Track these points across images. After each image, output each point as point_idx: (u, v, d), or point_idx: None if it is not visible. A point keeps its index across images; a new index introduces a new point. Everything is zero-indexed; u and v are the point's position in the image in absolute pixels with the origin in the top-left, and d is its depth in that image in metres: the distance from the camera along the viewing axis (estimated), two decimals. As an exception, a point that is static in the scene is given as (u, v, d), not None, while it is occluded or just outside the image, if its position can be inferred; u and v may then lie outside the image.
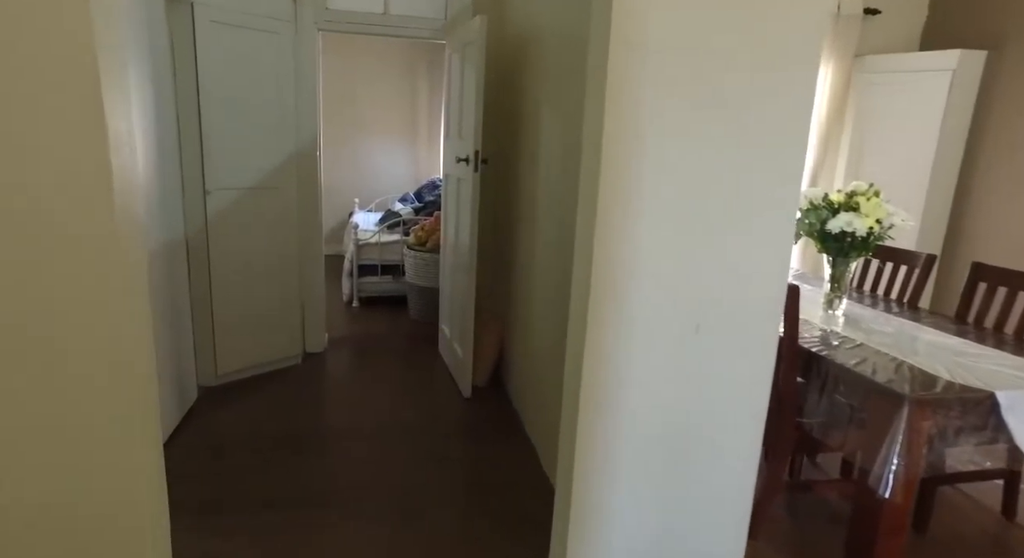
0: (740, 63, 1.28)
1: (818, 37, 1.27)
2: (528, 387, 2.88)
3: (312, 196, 3.52)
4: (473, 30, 2.93)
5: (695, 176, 1.30)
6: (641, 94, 1.22)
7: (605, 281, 1.26)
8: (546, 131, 2.61)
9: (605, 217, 1.24)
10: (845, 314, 2.32)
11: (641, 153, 1.24)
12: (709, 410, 1.45)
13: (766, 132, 1.32)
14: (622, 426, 1.39)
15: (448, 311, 3.62)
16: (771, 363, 1.44)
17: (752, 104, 1.30)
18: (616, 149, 1.22)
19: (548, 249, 2.55)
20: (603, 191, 1.22)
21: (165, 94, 2.63)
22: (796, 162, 1.35)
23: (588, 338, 1.28)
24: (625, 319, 1.30)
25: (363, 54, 6.49)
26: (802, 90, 1.32)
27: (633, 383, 1.36)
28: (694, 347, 1.37)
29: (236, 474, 2.40)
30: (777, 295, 1.40)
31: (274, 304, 3.37)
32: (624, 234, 1.26)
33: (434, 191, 5.77)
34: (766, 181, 1.34)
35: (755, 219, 1.36)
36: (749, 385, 1.44)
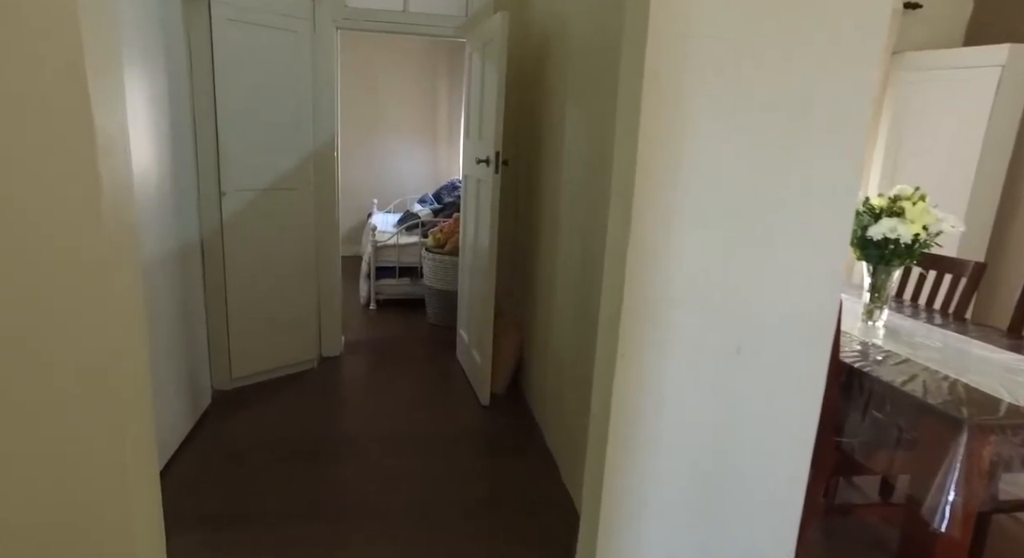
0: (795, 56, 1.16)
1: (882, 31, 1.14)
2: (548, 396, 2.78)
3: (329, 197, 3.46)
4: (494, 27, 2.84)
5: (741, 182, 1.19)
6: (682, 91, 1.11)
7: (638, 297, 1.15)
8: (570, 132, 2.51)
9: (640, 227, 1.13)
10: (886, 326, 2.18)
11: (681, 156, 1.13)
12: (751, 440, 1.33)
13: (823, 134, 1.21)
14: (655, 455, 1.28)
15: (466, 316, 3.54)
16: (820, 389, 1.31)
17: (808, 102, 1.18)
18: (653, 152, 1.11)
19: (570, 254, 2.45)
20: (638, 198, 1.11)
21: (180, 94, 2.58)
22: (853, 168, 1.23)
23: (619, 360, 1.17)
24: (660, 339, 1.19)
25: (383, 53, 6.45)
26: (862, 88, 1.19)
27: (668, 409, 1.25)
28: (735, 370, 1.25)
29: (247, 484, 2.34)
30: (829, 314, 1.27)
31: (290, 307, 3.32)
32: (660, 246, 1.15)
33: (454, 192, 5.70)
34: (821, 188, 1.22)
35: (807, 230, 1.23)
36: (795, 413, 1.31)
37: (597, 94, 2.15)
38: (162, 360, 2.44)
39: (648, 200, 1.13)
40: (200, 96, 2.82)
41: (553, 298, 2.71)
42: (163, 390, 2.44)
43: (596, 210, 2.08)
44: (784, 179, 1.21)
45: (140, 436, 1.06)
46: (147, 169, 2.27)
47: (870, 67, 1.17)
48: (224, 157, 2.91)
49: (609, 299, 1.23)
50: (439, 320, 4.40)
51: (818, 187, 1.23)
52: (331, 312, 3.62)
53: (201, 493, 2.27)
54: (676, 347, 1.21)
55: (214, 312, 3.05)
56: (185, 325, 2.67)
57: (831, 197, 1.22)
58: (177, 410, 2.57)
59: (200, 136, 2.86)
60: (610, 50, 2.00)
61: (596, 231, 2.11)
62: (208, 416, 2.86)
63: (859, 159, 1.23)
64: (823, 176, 1.22)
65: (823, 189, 1.23)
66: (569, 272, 2.47)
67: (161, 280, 2.42)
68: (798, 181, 1.22)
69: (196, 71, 2.80)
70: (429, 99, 6.73)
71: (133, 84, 2.16)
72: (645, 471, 1.28)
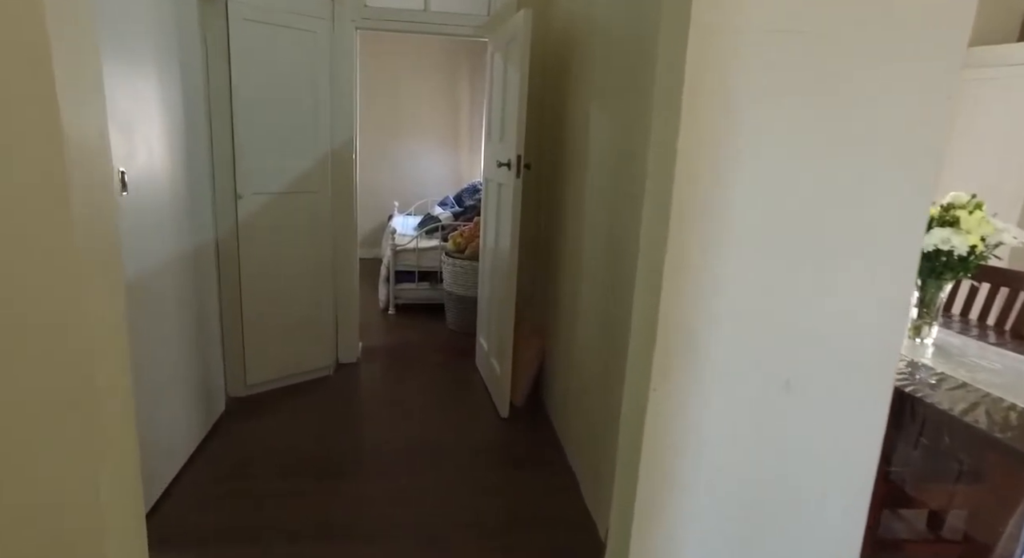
0: (862, 50, 1.01)
1: (967, 18, 0.98)
2: (570, 410, 2.67)
3: (347, 200, 3.39)
4: (517, 25, 2.74)
5: (797, 197, 1.04)
6: (731, 94, 0.97)
7: (675, 324, 1.02)
8: (596, 135, 2.39)
9: (678, 246, 0.99)
10: (935, 344, 2.02)
11: (727, 167, 0.99)
12: (801, 487, 1.17)
13: (893, 139, 1.05)
14: (693, 495, 1.14)
15: (486, 323, 3.44)
16: (881, 428, 1.16)
17: (876, 103, 1.03)
18: (694, 162, 0.97)
19: (596, 262, 2.33)
20: (676, 213, 0.97)
21: (196, 95, 2.53)
22: (927, 178, 1.07)
23: (652, 393, 1.03)
24: (698, 371, 1.05)
25: (404, 53, 6.38)
26: (940, 87, 1.03)
27: (707, 447, 1.11)
28: (783, 406, 1.10)
29: (256, 499, 2.26)
30: (892, 346, 1.12)
31: (306, 312, 3.25)
32: (701, 268, 1.01)
33: (475, 195, 5.61)
34: (890, 201, 1.06)
35: (871, 253, 1.08)
36: (852, 456, 1.15)
37: (625, 95, 2.03)
38: (175, 367, 2.38)
39: (688, 216, 0.99)
40: (216, 98, 2.77)
41: (577, 308, 2.59)
42: (175, 398, 2.38)
43: (623, 218, 1.96)
44: (847, 195, 1.06)
45: (120, 474, 0.97)
46: (160, 172, 2.21)
47: (950, 72, 1.02)
48: (240, 159, 2.85)
49: (641, 325, 1.09)
50: (458, 326, 4.31)
51: (886, 205, 1.07)
52: (348, 318, 3.55)
53: (209, 507, 2.20)
54: (717, 380, 1.07)
55: (229, 317, 2.99)
56: (199, 331, 2.61)
57: (900, 216, 1.07)
58: (189, 418, 2.51)
59: (216, 138, 2.80)
60: (641, 48, 1.88)
61: (623, 239, 1.98)
62: (221, 424, 2.80)
63: (932, 175, 1.07)
64: (892, 193, 1.07)
65: (891, 207, 1.07)
66: (594, 281, 2.35)
67: (174, 285, 2.36)
68: (863, 198, 1.06)
69: (212, 72, 2.74)
70: (451, 100, 6.65)
71: (146, 85, 2.10)
72: (681, 512, 1.15)
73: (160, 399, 2.25)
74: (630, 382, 1.13)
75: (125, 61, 1.96)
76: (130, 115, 1.99)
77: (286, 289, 3.14)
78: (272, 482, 2.36)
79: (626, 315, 1.91)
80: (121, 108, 1.93)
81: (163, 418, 2.27)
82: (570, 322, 2.71)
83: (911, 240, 1.08)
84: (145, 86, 2.10)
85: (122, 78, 1.94)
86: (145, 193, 2.09)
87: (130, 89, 1.99)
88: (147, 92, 2.11)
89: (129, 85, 1.98)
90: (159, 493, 2.22)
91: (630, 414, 1.11)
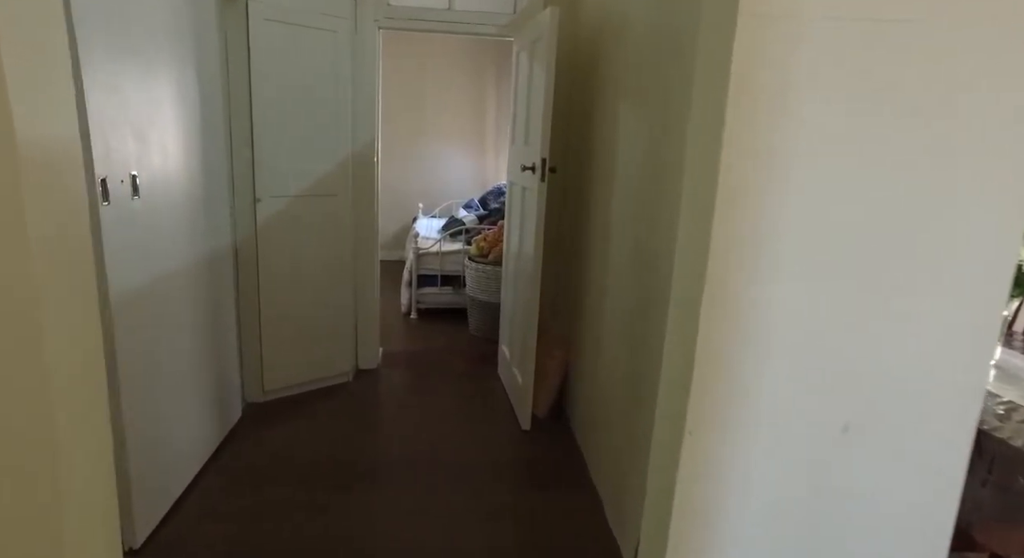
0: (953, 40, 0.84)
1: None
2: (595, 425, 2.54)
3: (369, 203, 3.32)
4: (543, 24, 2.62)
5: (861, 217, 0.87)
6: (785, 91, 0.82)
7: (714, 358, 0.88)
8: (624, 140, 2.26)
9: (719, 270, 0.85)
10: (998, 366, 1.85)
11: (780, 177, 0.84)
12: (861, 546, 1.01)
13: (990, 146, 0.87)
14: (733, 553, 0.98)
15: (508, 331, 3.33)
16: (960, 480, 1.00)
17: (962, 104, 0.85)
18: (740, 171, 0.82)
19: (623, 272, 2.20)
20: (718, 234, 0.83)
21: (214, 96, 2.47)
22: (1020, 203, 0.89)
23: (687, 436, 0.89)
24: (741, 413, 0.91)
25: (428, 53, 6.32)
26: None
27: (750, 503, 0.95)
28: (841, 452, 0.94)
29: (266, 515, 2.19)
30: (978, 381, 0.96)
31: (326, 318, 3.19)
32: (745, 296, 0.87)
33: (500, 198, 5.51)
34: (979, 217, 0.89)
35: (957, 271, 0.91)
36: (925, 512, 0.98)
37: (657, 97, 1.91)
38: (190, 373, 2.33)
39: (732, 235, 0.84)
40: (235, 99, 2.71)
41: (602, 321, 2.47)
42: (190, 404, 2.33)
43: (654, 232, 1.83)
44: (926, 211, 0.90)
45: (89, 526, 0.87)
46: (176, 175, 2.15)
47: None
48: (260, 162, 2.79)
49: (675, 359, 0.95)
50: (481, 332, 4.21)
51: (975, 221, 0.91)
52: (368, 323, 3.48)
53: (217, 520, 2.13)
54: (763, 423, 0.92)
55: (247, 322, 2.94)
56: (216, 336, 2.56)
57: (992, 234, 0.90)
58: (204, 425, 2.45)
59: (235, 141, 2.75)
60: (676, 46, 1.75)
61: (654, 255, 1.86)
62: (237, 432, 2.74)
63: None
64: (982, 208, 0.91)
65: (981, 224, 0.91)
66: (620, 296, 2.23)
67: (191, 289, 2.31)
68: (946, 214, 0.90)
69: (232, 73, 2.69)
70: (477, 100, 6.56)
71: (161, 87, 2.05)
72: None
73: (174, 407, 2.19)
74: (662, 422, 0.99)
75: (139, 63, 1.91)
76: (144, 117, 1.93)
77: (305, 294, 3.08)
78: (283, 496, 2.29)
79: (655, 336, 1.78)
80: (134, 111, 1.87)
81: (177, 426, 2.21)
82: (595, 335, 2.59)
83: (1004, 261, 0.91)
84: (160, 88, 2.04)
85: (136, 80, 1.89)
86: (159, 197, 2.03)
87: (144, 91, 1.93)
88: (163, 94, 2.06)
89: (143, 87, 1.93)
90: (170, 504, 2.17)
91: (661, 458, 0.97)
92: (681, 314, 0.92)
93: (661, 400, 0.98)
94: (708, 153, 0.84)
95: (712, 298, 0.86)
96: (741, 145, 0.82)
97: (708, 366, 0.86)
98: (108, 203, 1.73)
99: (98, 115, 1.68)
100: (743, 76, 0.80)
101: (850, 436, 0.92)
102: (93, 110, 1.66)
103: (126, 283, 1.84)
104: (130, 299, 1.87)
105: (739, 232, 0.85)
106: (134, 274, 1.90)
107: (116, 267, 1.78)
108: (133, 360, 1.89)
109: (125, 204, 1.83)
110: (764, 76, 0.80)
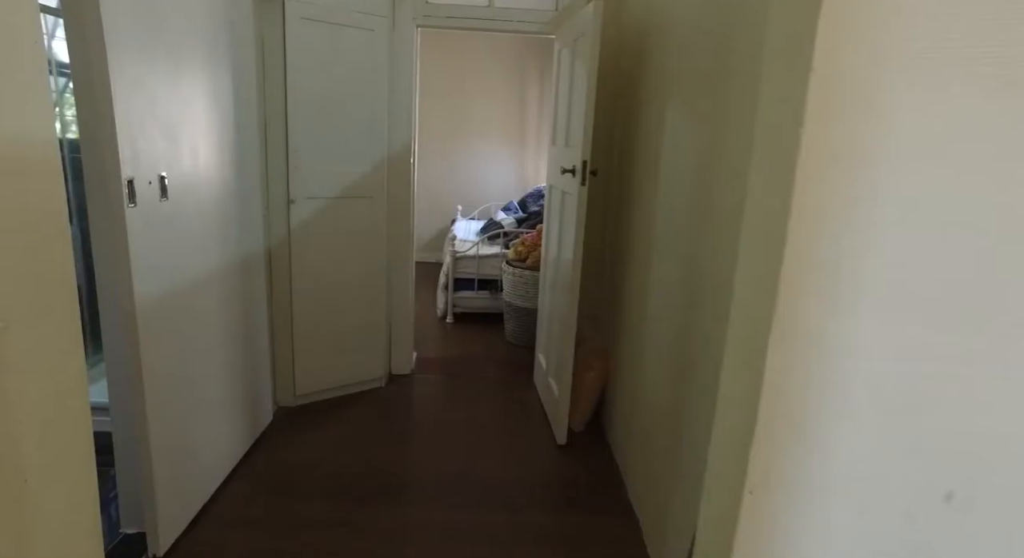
0: None
1: None
2: (634, 442, 2.40)
3: (404, 205, 3.25)
4: (586, 20, 2.50)
5: (977, 230, 0.69)
6: (881, 88, 0.64)
7: (783, 407, 0.72)
8: (670, 143, 2.12)
9: (792, 304, 0.68)
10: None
11: (872, 188, 0.67)
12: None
13: None
14: None
15: (545, 340, 3.21)
16: None
17: None
18: (823, 177, 0.66)
19: (667, 288, 2.06)
20: (792, 251, 0.67)
21: (248, 96, 2.43)
22: None
23: (747, 495, 0.74)
24: (816, 474, 0.74)
25: (468, 51, 6.24)
26: None
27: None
28: (942, 524, 0.76)
29: (288, 529, 2.12)
30: None
31: (359, 321, 3.13)
32: (826, 331, 0.70)
33: (539, 201, 5.40)
34: None
35: None
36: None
37: (705, 99, 1.76)
38: (221, 377, 2.29)
39: (807, 258, 0.68)
40: (271, 99, 2.68)
41: (644, 329, 2.33)
42: (220, 409, 2.29)
43: (705, 247, 1.68)
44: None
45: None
46: (206, 176, 2.11)
47: None
48: (294, 163, 2.75)
49: (733, 406, 0.78)
50: (517, 339, 4.10)
51: None
52: (403, 327, 3.41)
53: (243, 530, 2.08)
54: (843, 487, 0.75)
55: (280, 325, 2.90)
56: (247, 340, 2.52)
57: None
58: (234, 430, 2.42)
59: (270, 141, 2.72)
60: (726, 43, 1.61)
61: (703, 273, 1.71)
62: (266, 436, 2.70)
63: None
64: None
65: None
66: (667, 309, 2.08)
67: (222, 291, 2.27)
68: None
69: (268, 73, 2.66)
70: (517, 100, 6.46)
71: (194, 87, 2.01)
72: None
73: (202, 411, 2.16)
74: (716, 477, 0.82)
75: (171, 61, 1.87)
76: (175, 117, 1.89)
77: (339, 297, 3.03)
78: (307, 508, 2.22)
79: (704, 366, 1.63)
80: (164, 110, 1.83)
81: (204, 431, 2.18)
82: (636, 349, 2.45)
83: None
84: (193, 87, 2.00)
85: (167, 79, 1.85)
86: (189, 198, 1.99)
87: (175, 90, 1.90)
88: (195, 93, 2.02)
89: (174, 86, 1.89)
90: (196, 510, 2.13)
91: (715, 520, 0.81)
92: (741, 352, 0.75)
93: (716, 448, 0.83)
94: (780, 158, 0.69)
95: (782, 333, 0.69)
96: (823, 147, 0.65)
97: (775, 415, 0.70)
98: (134, 205, 1.69)
99: (126, 115, 1.64)
100: (829, 59, 0.63)
101: (955, 507, 0.72)
102: (120, 109, 1.62)
103: (152, 286, 1.80)
104: (156, 303, 1.83)
105: (818, 253, 0.68)
106: (161, 277, 1.86)
107: (141, 270, 1.74)
108: (158, 364, 1.85)
109: (152, 206, 1.79)
110: (853, 67, 0.63)
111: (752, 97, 1.28)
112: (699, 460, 1.56)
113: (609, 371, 2.91)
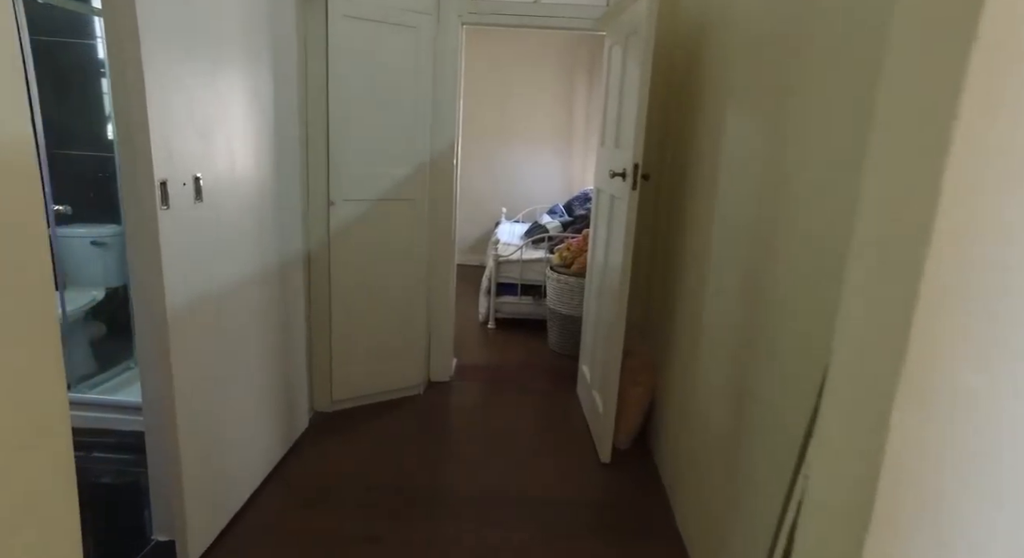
0: None
1: None
2: (683, 464, 2.24)
3: (447, 208, 3.16)
4: (639, 16, 2.35)
5: None
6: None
7: (912, 481, 0.55)
8: (732, 149, 1.95)
9: (927, 352, 0.52)
10: None
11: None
12: None
13: None
14: None
15: (590, 351, 3.06)
16: None
17: None
18: (981, 189, 0.49)
19: (725, 306, 1.89)
20: (929, 291, 0.50)
21: (288, 96, 2.38)
22: None
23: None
24: (960, 547, 0.56)
25: (515, 49, 6.12)
26: None
27: None
28: None
29: (318, 543, 2.05)
30: None
31: (399, 326, 3.06)
32: (968, 382, 0.53)
33: (586, 204, 5.24)
34: None
35: None
36: None
37: (769, 101, 1.59)
38: (256, 382, 2.25)
39: (951, 302, 0.51)
40: (312, 99, 2.63)
41: (698, 343, 2.16)
42: (255, 414, 2.24)
43: (774, 267, 1.51)
44: None
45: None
46: (243, 177, 2.07)
47: None
48: (335, 165, 2.69)
49: (841, 478, 0.61)
50: (561, 348, 3.96)
51: None
52: (442, 333, 3.32)
53: (274, 542, 2.02)
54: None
55: (318, 329, 2.86)
56: (285, 344, 2.48)
57: None
58: (268, 436, 2.37)
59: (311, 142, 2.67)
60: (803, 39, 1.44)
61: (770, 299, 1.54)
62: (302, 443, 2.65)
63: None
64: None
65: None
66: (721, 321, 1.92)
67: (260, 294, 2.22)
68: None
69: (309, 72, 2.61)
70: (564, 99, 6.31)
71: (231, 87, 1.96)
72: None
73: (236, 417, 2.11)
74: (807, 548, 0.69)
75: (208, 60, 1.82)
76: (211, 117, 1.84)
77: (378, 301, 2.96)
78: (339, 521, 2.15)
79: (761, 400, 1.47)
80: (201, 110, 1.79)
81: (238, 437, 2.13)
82: (687, 367, 2.28)
83: None
84: (231, 86, 1.96)
85: (204, 78, 1.80)
86: (225, 200, 1.94)
87: (212, 90, 1.85)
88: (233, 93, 1.97)
89: (211, 86, 1.84)
90: (228, 519, 2.08)
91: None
92: (850, 414, 0.59)
93: (808, 526, 0.68)
94: (915, 162, 0.51)
95: (913, 390, 0.53)
96: (984, 145, 0.48)
97: (900, 497, 0.56)
98: (167, 207, 1.64)
99: (160, 114, 1.60)
100: (1003, 24, 0.45)
101: None
102: (155, 109, 1.57)
103: (184, 290, 1.76)
104: (188, 307, 1.78)
105: (966, 288, 0.51)
106: (194, 281, 1.81)
107: (173, 274, 1.69)
108: (189, 369, 1.80)
109: (187, 208, 1.74)
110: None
111: (838, 104, 1.12)
112: (763, 507, 1.40)
113: (657, 386, 2.74)
